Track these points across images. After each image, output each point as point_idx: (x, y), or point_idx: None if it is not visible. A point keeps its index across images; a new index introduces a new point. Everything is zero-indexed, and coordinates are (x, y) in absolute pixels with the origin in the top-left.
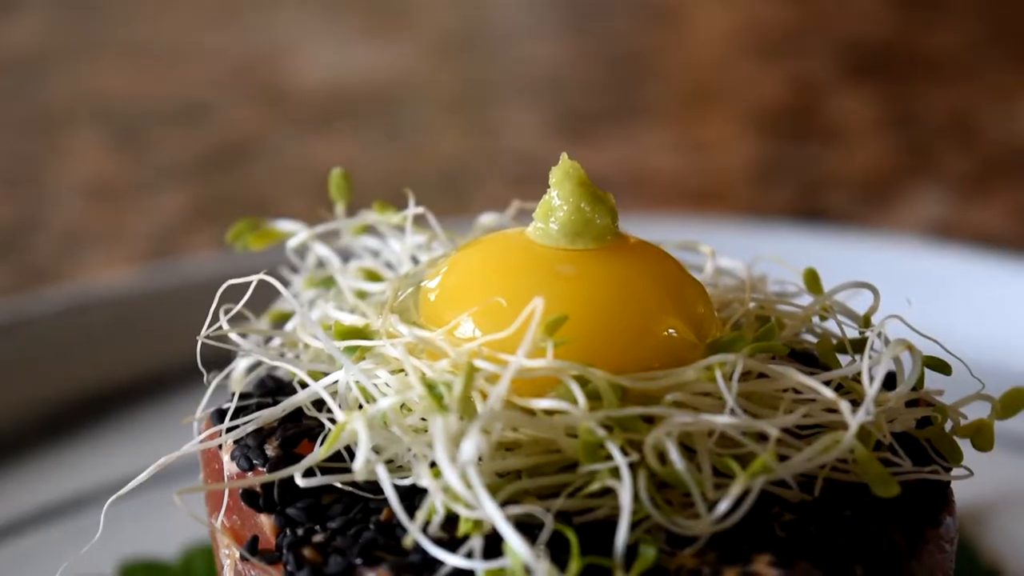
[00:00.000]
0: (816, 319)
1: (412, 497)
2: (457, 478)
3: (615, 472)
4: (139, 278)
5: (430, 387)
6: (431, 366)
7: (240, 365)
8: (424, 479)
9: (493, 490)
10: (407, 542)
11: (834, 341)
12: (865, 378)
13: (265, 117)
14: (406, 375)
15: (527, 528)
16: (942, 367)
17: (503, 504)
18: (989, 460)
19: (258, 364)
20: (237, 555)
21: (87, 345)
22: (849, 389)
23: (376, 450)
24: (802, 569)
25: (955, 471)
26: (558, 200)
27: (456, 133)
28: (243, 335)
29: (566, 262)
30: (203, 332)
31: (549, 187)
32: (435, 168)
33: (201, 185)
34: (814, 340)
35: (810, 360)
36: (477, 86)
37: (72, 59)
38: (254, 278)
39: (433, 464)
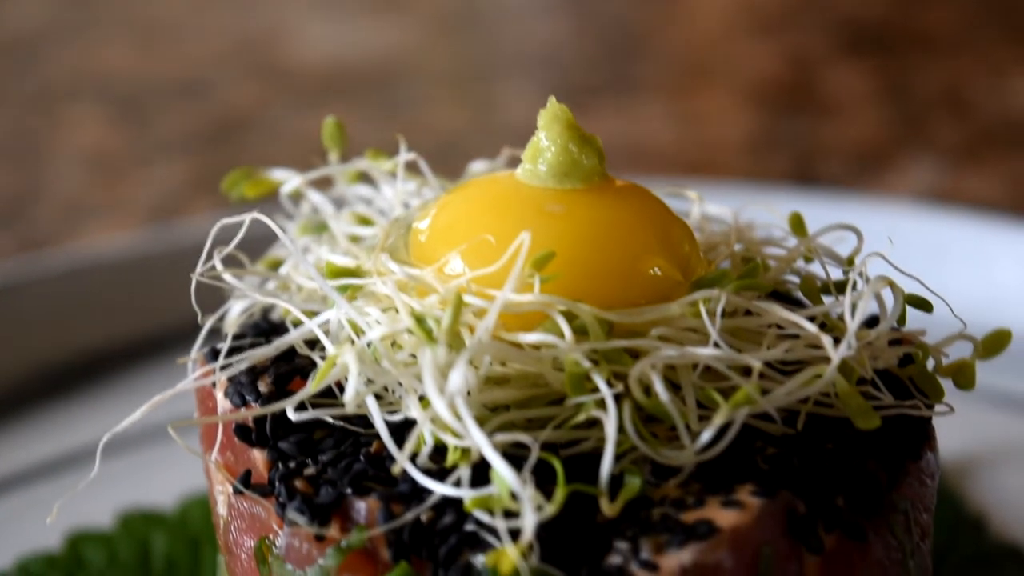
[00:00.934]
0: (801, 262)
1: (402, 432)
2: (445, 408)
3: (601, 404)
4: (137, 241)
5: (419, 320)
6: (421, 303)
7: (234, 307)
8: (413, 410)
9: (481, 422)
10: (396, 471)
11: (819, 283)
12: (847, 313)
13: (264, 93)
14: (396, 312)
15: (514, 459)
16: (923, 304)
17: (490, 434)
18: (974, 416)
19: (252, 306)
20: (230, 490)
21: (86, 307)
22: (832, 327)
23: (366, 384)
24: (784, 498)
25: (937, 408)
26: (546, 141)
27: (454, 108)
28: (237, 277)
29: (554, 201)
30: (197, 271)
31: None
32: (433, 141)
33: (200, 157)
34: (799, 283)
35: (794, 303)
36: (476, 62)
37: (74, 37)
38: (247, 216)
39: (422, 398)
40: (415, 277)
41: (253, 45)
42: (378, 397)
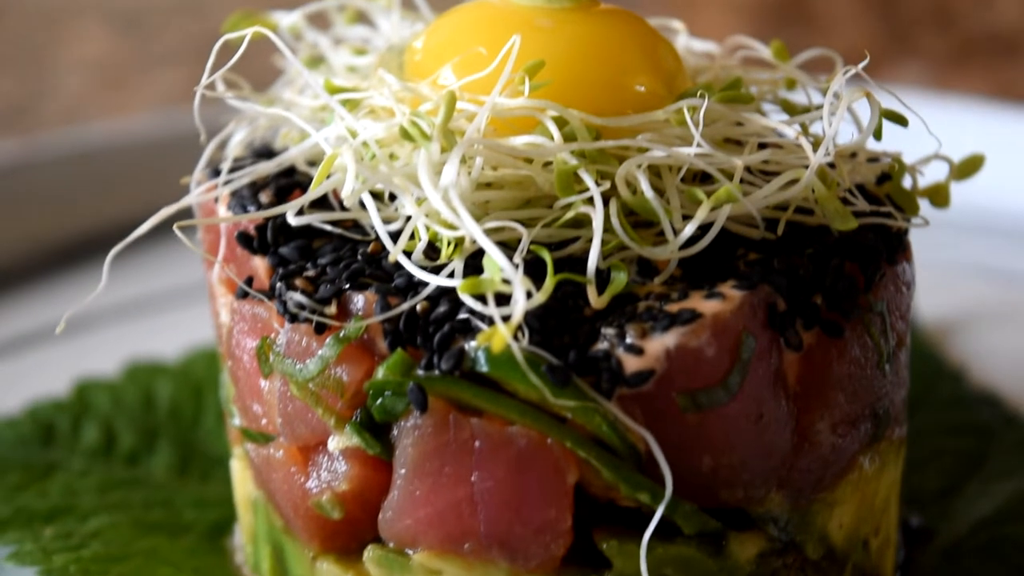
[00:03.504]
0: (784, 93)
1: (398, 237)
2: (439, 199)
3: (589, 203)
4: (140, 124)
5: (413, 120)
6: (415, 110)
7: (235, 129)
8: (408, 207)
9: (474, 218)
10: (390, 260)
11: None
12: (825, 120)
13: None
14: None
15: (505, 252)
16: (899, 119)
17: (482, 225)
18: (955, 284)
19: (253, 131)
20: (232, 299)
21: (95, 188)
22: (815, 144)
23: (363, 183)
24: (764, 292)
25: (913, 221)
26: None
27: None
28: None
29: (544, 16)
30: (199, 87)
31: None
32: None
33: (202, 65)
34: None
35: None
36: None
37: None
38: (249, 31)
39: (419, 200)
40: (410, 88)
41: None
42: (376, 198)
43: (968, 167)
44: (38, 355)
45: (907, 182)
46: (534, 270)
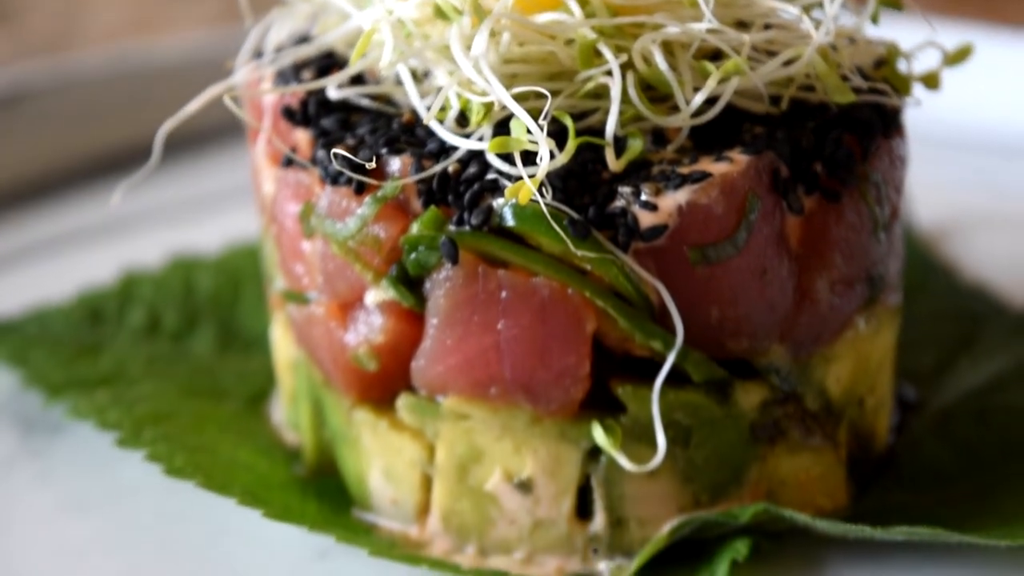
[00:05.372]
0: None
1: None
2: (470, 67)
3: (608, 75)
4: (172, 47)
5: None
6: None
7: (277, 16)
8: (440, 78)
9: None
10: (424, 128)
11: None
12: (827, 2)
13: None
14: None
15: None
16: (894, 3)
17: (510, 91)
18: (951, 197)
19: (294, 19)
20: (276, 171)
21: (133, 106)
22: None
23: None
24: (769, 157)
25: (906, 100)
26: None
27: None
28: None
29: None
30: None
31: None
32: None
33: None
34: None
35: None
36: None
37: None
38: None
39: (450, 72)
40: None
41: None
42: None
43: (959, 55)
44: (85, 252)
45: (903, 68)
46: (557, 136)
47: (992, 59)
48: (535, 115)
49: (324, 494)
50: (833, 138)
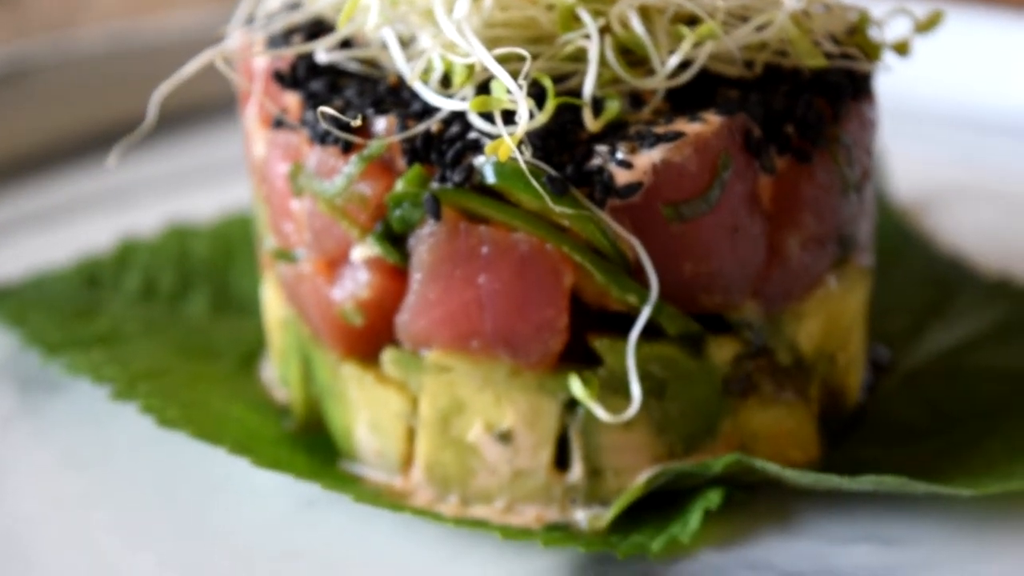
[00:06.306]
0: None
1: None
2: (453, 29)
3: (587, 39)
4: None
5: None
6: None
7: None
8: (424, 40)
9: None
10: (408, 90)
11: None
12: None
13: None
14: None
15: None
16: None
17: (492, 52)
18: (929, 171)
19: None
20: (267, 133)
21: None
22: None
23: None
24: (742, 119)
25: (876, 65)
26: None
27: None
28: None
29: None
30: None
31: None
32: None
33: None
34: None
35: None
36: None
37: None
38: None
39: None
40: None
41: None
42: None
43: (929, 22)
44: (85, 221)
45: (875, 35)
46: (537, 99)
47: (968, 35)
48: (516, 76)
49: (312, 448)
50: (804, 100)
